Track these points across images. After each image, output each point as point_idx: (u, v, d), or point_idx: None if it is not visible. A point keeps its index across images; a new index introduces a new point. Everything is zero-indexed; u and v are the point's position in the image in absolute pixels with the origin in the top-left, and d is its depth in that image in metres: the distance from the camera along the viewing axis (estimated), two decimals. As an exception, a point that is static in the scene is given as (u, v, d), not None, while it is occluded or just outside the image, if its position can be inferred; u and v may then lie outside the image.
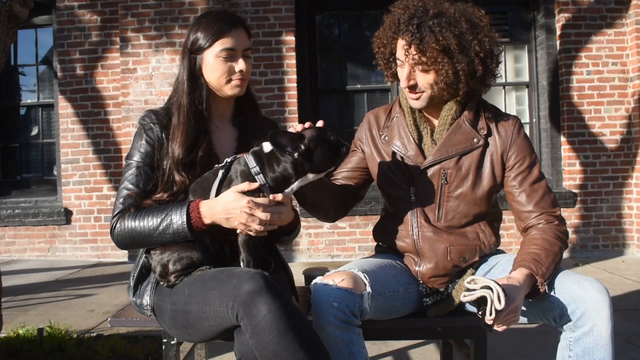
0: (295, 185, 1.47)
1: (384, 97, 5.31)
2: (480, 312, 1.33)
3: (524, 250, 1.51)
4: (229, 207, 1.40)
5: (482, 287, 1.32)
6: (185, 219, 1.44)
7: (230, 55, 1.58)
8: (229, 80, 1.60)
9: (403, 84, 1.59)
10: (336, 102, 5.36)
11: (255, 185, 1.43)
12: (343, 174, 1.76)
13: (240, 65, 1.59)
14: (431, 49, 1.49)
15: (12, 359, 2.41)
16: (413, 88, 1.58)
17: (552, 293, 1.43)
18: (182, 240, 1.46)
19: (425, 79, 1.55)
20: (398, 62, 1.61)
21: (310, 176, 1.46)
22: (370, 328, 1.48)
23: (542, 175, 1.62)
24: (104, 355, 2.43)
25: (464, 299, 1.36)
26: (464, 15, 1.54)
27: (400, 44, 1.57)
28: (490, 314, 1.30)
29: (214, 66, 1.58)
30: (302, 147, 1.41)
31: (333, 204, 1.69)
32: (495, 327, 1.35)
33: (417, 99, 1.60)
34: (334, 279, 1.42)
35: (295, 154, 1.41)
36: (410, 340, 2.64)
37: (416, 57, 1.52)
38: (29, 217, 5.21)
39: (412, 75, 1.56)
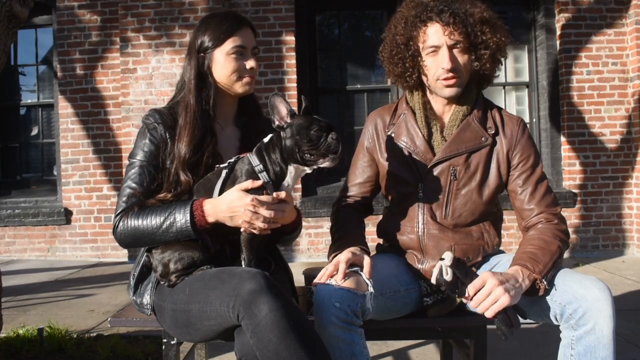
0: (289, 178, 1.48)
1: (384, 97, 5.31)
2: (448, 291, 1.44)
3: (521, 250, 1.52)
4: (233, 205, 1.40)
5: (440, 259, 1.44)
6: (188, 218, 1.44)
7: (241, 52, 1.60)
8: (239, 78, 1.61)
9: (447, 65, 1.55)
10: (336, 102, 5.36)
11: (258, 182, 1.43)
12: (355, 189, 1.77)
13: (251, 62, 1.61)
14: (472, 24, 1.53)
15: (12, 359, 2.41)
16: (454, 71, 1.57)
17: (554, 292, 1.43)
18: (185, 239, 1.46)
19: (462, 60, 1.58)
20: (429, 50, 1.58)
21: (299, 167, 1.46)
22: (371, 328, 1.48)
23: (545, 176, 1.65)
24: (104, 355, 2.43)
25: (433, 280, 1.44)
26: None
27: (434, 30, 1.57)
28: (446, 274, 1.41)
29: (225, 64, 1.59)
30: (284, 125, 1.44)
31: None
32: (478, 310, 1.38)
33: (454, 84, 1.59)
34: (336, 278, 1.42)
35: (276, 123, 1.45)
36: (410, 340, 2.64)
37: (461, 35, 1.54)
38: (29, 217, 5.21)
39: (453, 57, 1.57)
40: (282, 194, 1.44)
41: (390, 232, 1.71)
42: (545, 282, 1.42)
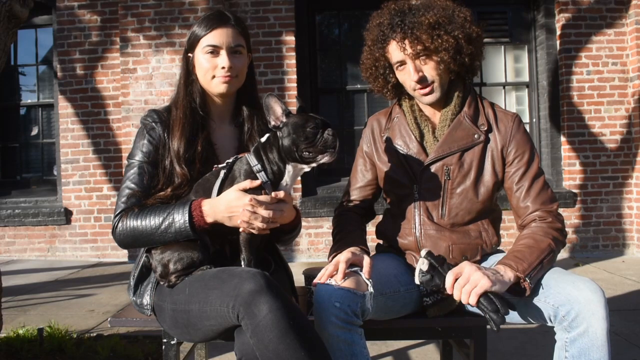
0: (287, 178, 1.48)
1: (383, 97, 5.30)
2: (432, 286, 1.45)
3: (510, 249, 1.52)
4: (232, 205, 1.41)
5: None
6: (187, 218, 1.44)
7: (213, 51, 1.59)
8: (213, 77, 1.60)
9: (414, 77, 1.60)
10: (336, 102, 5.36)
11: (257, 182, 1.43)
12: (356, 193, 1.78)
13: (223, 61, 1.58)
14: (425, 33, 1.54)
15: (12, 359, 2.41)
16: (423, 81, 1.60)
17: (546, 293, 1.42)
18: (184, 239, 1.46)
19: (430, 67, 1.59)
20: (397, 66, 1.64)
21: (298, 166, 1.47)
22: (371, 328, 1.48)
23: (541, 171, 1.63)
24: (104, 355, 2.43)
25: (417, 281, 1.45)
26: (434, 1, 1.62)
27: (393, 47, 1.62)
28: (423, 265, 1.43)
29: (201, 63, 1.60)
30: (280, 124, 1.46)
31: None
32: (462, 298, 1.37)
33: (430, 92, 1.62)
34: (336, 278, 1.42)
35: (272, 123, 1.46)
36: (410, 340, 2.64)
37: (413, 48, 1.56)
38: (29, 217, 5.21)
39: (417, 67, 1.60)
40: (281, 194, 1.44)
41: (389, 233, 1.72)
42: (529, 281, 1.40)
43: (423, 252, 1.45)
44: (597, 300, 1.35)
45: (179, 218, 1.44)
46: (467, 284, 1.36)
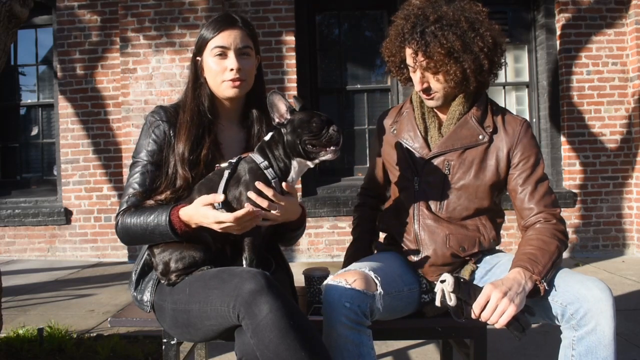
0: (293, 173, 1.49)
1: (384, 97, 5.31)
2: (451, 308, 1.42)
3: (520, 251, 1.53)
4: (202, 221, 1.42)
5: (440, 281, 1.42)
6: (168, 223, 1.45)
7: (222, 53, 1.58)
8: (223, 81, 1.59)
9: (417, 87, 1.66)
10: (336, 102, 5.36)
11: (220, 198, 1.42)
12: (373, 180, 1.89)
13: (230, 62, 1.57)
14: (437, 54, 1.55)
15: (12, 359, 2.41)
16: (427, 90, 1.64)
17: (555, 292, 1.43)
18: (171, 240, 1.47)
19: (436, 80, 1.62)
20: (410, 67, 1.67)
21: (302, 162, 1.48)
22: (372, 328, 1.48)
23: (546, 176, 1.65)
24: (104, 355, 2.43)
25: (437, 303, 1.44)
26: (462, 15, 1.58)
27: (408, 52, 1.63)
28: (450, 300, 1.39)
29: (210, 66, 1.59)
30: (284, 121, 1.46)
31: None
32: (489, 322, 1.39)
33: (432, 99, 1.66)
34: (347, 279, 1.42)
35: (276, 120, 1.47)
36: (410, 340, 2.64)
37: (424, 62, 1.58)
38: (29, 217, 5.21)
39: (424, 78, 1.63)
40: (285, 185, 1.46)
41: (389, 223, 1.76)
42: (545, 283, 1.42)
43: (448, 286, 1.40)
44: (605, 299, 1.36)
45: (162, 221, 1.46)
46: (494, 313, 1.37)
